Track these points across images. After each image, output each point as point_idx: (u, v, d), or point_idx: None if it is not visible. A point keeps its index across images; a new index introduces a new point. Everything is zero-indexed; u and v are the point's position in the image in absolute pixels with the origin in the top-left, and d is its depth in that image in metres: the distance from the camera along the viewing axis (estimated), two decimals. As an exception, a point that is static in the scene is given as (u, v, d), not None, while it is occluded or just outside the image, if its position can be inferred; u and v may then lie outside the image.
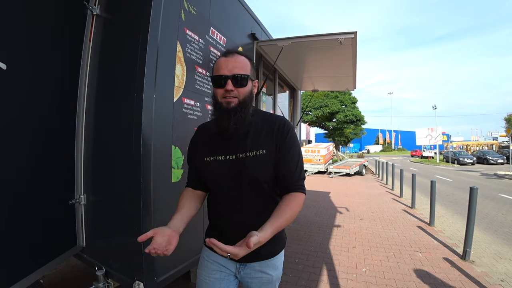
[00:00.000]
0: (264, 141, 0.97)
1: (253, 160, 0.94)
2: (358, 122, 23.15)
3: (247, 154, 0.94)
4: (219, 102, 0.95)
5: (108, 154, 1.76)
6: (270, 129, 0.99)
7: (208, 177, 1.00)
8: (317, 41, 2.87)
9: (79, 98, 1.82)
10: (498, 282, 2.71)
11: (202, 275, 1.06)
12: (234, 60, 0.94)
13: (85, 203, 1.84)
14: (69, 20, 1.72)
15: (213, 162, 0.98)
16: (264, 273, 1.03)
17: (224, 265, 1.04)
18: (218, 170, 0.97)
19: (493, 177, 12.91)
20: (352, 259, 3.27)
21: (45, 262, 1.59)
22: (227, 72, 0.92)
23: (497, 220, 5.16)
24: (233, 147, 0.97)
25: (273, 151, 0.96)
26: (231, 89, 0.92)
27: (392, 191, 8.49)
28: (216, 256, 1.03)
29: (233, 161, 0.95)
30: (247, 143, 0.96)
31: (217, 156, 0.98)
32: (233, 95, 0.93)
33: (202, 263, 1.08)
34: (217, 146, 0.99)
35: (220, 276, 1.03)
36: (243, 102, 0.95)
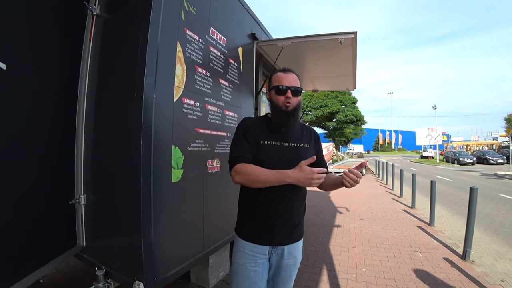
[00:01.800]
0: (306, 139, 1.33)
1: (305, 149, 1.28)
2: (358, 122, 23.15)
3: (298, 145, 1.27)
4: (279, 106, 1.23)
5: (108, 154, 1.76)
6: (308, 133, 1.37)
7: (264, 157, 1.19)
8: (317, 41, 2.87)
9: (79, 98, 1.82)
10: (498, 282, 2.71)
11: (241, 264, 1.22)
12: (292, 76, 1.26)
13: (85, 203, 1.84)
14: (69, 20, 1.72)
15: (269, 146, 1.22)
16: (291, 256, 1.26)
17: (260, 252, 1.22)
18: (274, 152, 1.21)
19: (493, 177, 12.91)
20: (352, 259, 3.27)
21: (45, 262, 1.59)
22: (288, 84, 1.23)
23: (497, 220, 5.16)
24: (285, 138, 1.25)
25: (312, 148, 1.33)
26: (290, 97, 1.22)
27: (392, 191, 8.50)
28: (253, 245, 1.21)
29: (287, 148, 1.24)
30: (296, 137, 1.29)
31: (272, 141, 1.23)
32: (291, 102, 1.22)
33: (238, 254, 1.25)
34: (271, 135, 1.25)
35: (256, 264, 1.21)
36: (297, 108, 1.25)
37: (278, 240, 1.22)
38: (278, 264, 1.26)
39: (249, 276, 1.20)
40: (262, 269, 1.23)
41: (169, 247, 1.72)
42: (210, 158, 2.17)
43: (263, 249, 1.22)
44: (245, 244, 1.23)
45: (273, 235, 1.21)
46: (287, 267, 1.26)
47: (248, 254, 1.22)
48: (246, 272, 1.21)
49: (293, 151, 1.24)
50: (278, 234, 1.21)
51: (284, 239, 1.23)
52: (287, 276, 1.27)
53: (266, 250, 1.22)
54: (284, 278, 1.27)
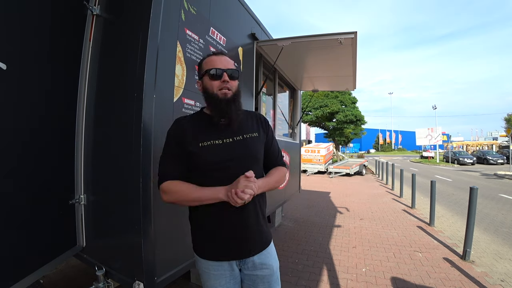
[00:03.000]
0: (253, 127, 1.16)
1: (252, 140, 1.12)
2: (358, 122, 23.14)
3: (245, 136, 1.11)
4: (215, 94, 1.06)
5: (108, 154, 1.76)
6: (255, 119, 1.20)
7: (206, 160, 1.04)
8: (317, 41, 2.87)
9: (79, 98, 1.82)
10: (498, 282, 2.71)
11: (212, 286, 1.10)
12: (225, 58, 1.10)
13: (85, 203, 1.84)
14: (69, 20, 1.72)
15: (210, 146, 1.06)
16: (264, 265, 1.11)
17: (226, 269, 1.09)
18: (218, 152, 1.05)
19: (493, 177, 12.91)
20: (352, 259, 3.27)
21: (45, 262, 1.59)
22: (222, 66, 1.07)
23: (497, 220, 5.16)
24: (227, 132, 1.09)
25: (262, 136, 1.17)
26: (227, 80, 1.06)
27: (392, 191, 8.50)
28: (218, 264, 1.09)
29: (232, 143, 1.08)
30: (241, 128, 1.12)
31: (213, 140, 1.07)
32: (228, 87, 1.07)
33: (205, 276, 1.12)
34: (209, 133, 1.08)
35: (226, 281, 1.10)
36: (236, 94, 1.10)
37: (241, 252, 1.08)
38: (252, 278, 1.11)
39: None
40: (234, 284, 1.12)
41: (169, 247, 1.72)
42: (210, 158, 2.16)
43: (230, 265, 1.09)
44: (207, 264, 1.09)
45: (236, 247, 1.07)
46: (263, 278, 1.11)
47: (214, 274, 1.09)
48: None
49: (240, 146, 1.08)
50: (239, 245, 1.07)
51: (248, 249, 1.08)
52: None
53: (233, 264, 1.10)
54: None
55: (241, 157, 1.06)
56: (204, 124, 1.11)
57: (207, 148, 1.05)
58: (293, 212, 5.60)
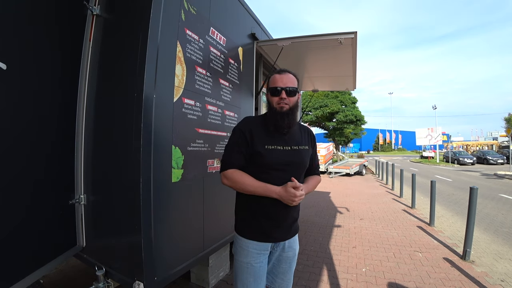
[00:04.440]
0: (305, 140, 1.37)
1: (305, 151, 1.32)
2: (358, 122, 23.14)
3: (300, 147, 1.31)
4: (274, 107, 1.25)
5: (108, 154, 1.76)
6: (305, 133, 1.40)
7: (269, 161, 1.23)
8: (317, 41, 2.87)
9: (79, 98, 1.82)
10: (498, 282, 2.71)
11: (246, 262, 1.27)
12: (287, 76, 1.25)
13: (85, 203, 1.84)
14: (69, 20, 1.72)
15: (274, 150, 1.24)
16: (291, 248, 1.35)
17: (263, 249, 1.28)
18: (280, 156, 1.24)
19: (493, 177, 12.91)
20: (352, 259, 3.27)
21: (45, 262, 1.59)
22: (282, 85, 1.23)
23: (497, 220, 5.16)
24: (287, 141, 1.28)
25: (310, 150, 1.38)
26: (284, 97, 1.23)
27: (392, 191, 8.49)
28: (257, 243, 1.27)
29: (290, 151, 1.27)
30: (296, 139, 1.32)
31: (276, 145, 1.26)
32: (286, 102, 1.23)
33: (242, 253, 1.29)
34: (274, 139, 1.27)
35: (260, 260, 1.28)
36: (293, 108, 1.26)
37: (280, 237, 1.30)
38: (278, 258, 1.35)
39: (254, 272, 1.26)
40: (265, 264, 1.31)
41: (169, 247, 1.72)
42: (210, 158, 2.16)
43: (266, 246, 1.29)
44: (248, 243, 1.28)
45: (276, 233, 1.28)
46: (287, 258, 1.35)
47: (252, 252, 1.27)
48: (251, 269, 1.26)
49: (296, 154, 1.28)
50: (280, 231, 1.29)
51: (285, 235, 1.31)
52: (287, 267, 1.37)
53: (269, 246, 1.30)
54: (285, 269, 1.36)
55: (296, 164, 1.27)
56: (267, 129, 1.28)
57: (272, 151, 1.23)
58: (293, 212, 5.58)
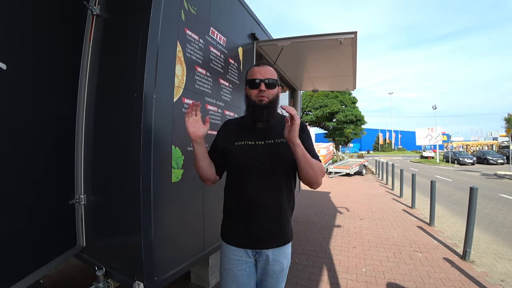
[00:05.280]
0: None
1: (279, 145, 1.18)
2: (358, 122, 23.13)
3: (275, 140, 1.18)
4: (252, 101, 1.17)
5: (108, 154, 1.76)
6: None
7: (239, 158, 1.18)
8: (317, 41, 2.87)
9: (79, 98, 1.82)
10: (498, 282, 2.71)
11: (227, 269, 1.21)
12: (266, 68, 1.20)
13: (85, 203, 1.84)
14: (69, 20, 1.72)
15: (244, 146, 1.19)
16: (276, 262, 1.19)
17: (243, 256, 1.20)
18: (250, 152, 1.17)
19: (493, 177, 12.90)
20: (352, 259, 3.27)
21: (45, 262, 1.59)
22: (260, 77, 1.17)
23: (497, 220, 5.16)
24: (261, 135, 1.19)
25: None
26: (263, 90, 1.15)
27: (392, 191, 8.49)
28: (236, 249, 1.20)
29: (263, 145, 1.18)
30: (274, 133, 1.19)
31: (247, 141, 1.19)
32: (265, 95, 1.16)
33: (224, 259, 1.24)
34: (246, 134, 1.21)
35: (242, 268, 1.20)
36: (272, 101, 1.18)
37: (260, 244, 1.18)
38: (264, 270, 1.21)
39: (236, 279, 1.19)
40: (249, 272, 1.21)
41: (169, 247, 1.72)
42: (210, 158, 2.16)
43: (247, 253, 1.19)
44: (228, 248, 1.22)
45: (253, 238, 1.17)
46: (273, 273, 1.20)
47: (232, 258, 1.20)
48: (233, 276, 1.20)
49: (270, 148, 1.17)
50: (258, 237, 1.17)
51: (266, 243, 1.17)
52: (274, 283, 1.22)
53: (250, 253, 1.20)
54: (271, 284, 1.22)
55: (268, 159, 1.16)
56: (243, 126, 1.24)
57: (241, 147, 1.18)
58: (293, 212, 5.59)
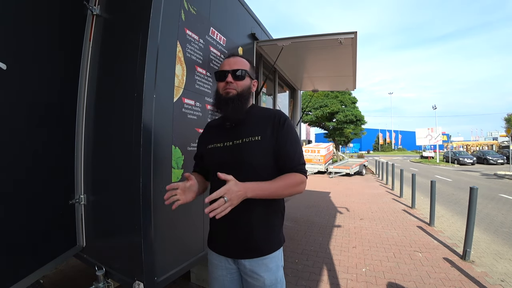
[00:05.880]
0: (260, 129, 1.06)
1: (247, 145, 1.04)
2: (358, 122, 23.15)
3: (243, 140, 1.05)
4: (220, 94, 1.09)
5: (108, 154, 1.76)
6: (266, 119, 1.09)
7: (209, 162, 1.14)
8: (317, 41, 2.87)
9: (79, 98, 1.82)
10: (498, 282, 2.71)
11: (211, 272, 1.20)
12: (235, 59, 1.11)
13: (85, 203, 1.84)
14: (69, 20, 1.72)
15: (213, 149, 1.12)
16: (255, 274, 1.04)
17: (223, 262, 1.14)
18: (217, 155, 1.10)
19: (493, 177, 12.91)
20: (352, 259, 3.27)
21: (45, 262, 1.59)
22: (228, 68, 1.08)
23: (497, 220, 5.16)
24: (231, 135, 1.08)
25: (270, 139, 1.05)
26: (230, 81, 1.06)
27: (392, 191, 8.50)
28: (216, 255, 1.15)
29: (230, 147, 1.07)
30: (245, 131, 1.07)
31: (217, 143, 1.11)
32: (233, 87, 1.07)
33: (209, 263, 1.22)
34: (218, 135, 1.13)
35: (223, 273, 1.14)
36: (241, 94, 1.08)
37: (233, 252, 1.08)
38: (246, 282, 1.09)
39: (219, 283, 1.14)
40: (232, 278, 1.12)
41: (169, 247, 1.72)
42: (210, 158, 2.16)
43: (226, 259, 1.12)
44: (210, 253, 1.19)
45: (227, 245, 1.08)
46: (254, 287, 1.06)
47: (213, 263, 1.16)
48: (215, 282, 1.16)
49: (235, 150, 1.04)
50: (231, 245, 1.07)
51: (240, 252, 1.06)
52: None
53: (230, 261, 1.11)
54: None
55: (232, 162, 1.03)
56: (218, 127, 1.16)
57: (210, 150, 1.13)
58: (293, 212, 5.60)
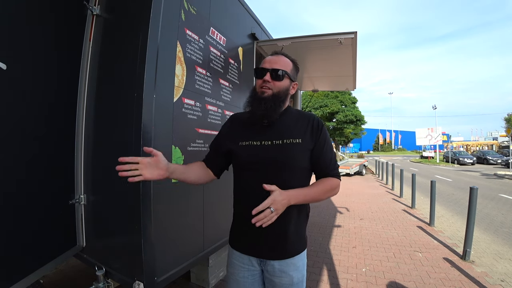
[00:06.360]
0: (299, 132, 1.07)
1: (288, 147, 1.03)
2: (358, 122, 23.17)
3: (283, 141, 1.04)
4: (255, 91, 1.07)
5: (108, 154, 1.76)
6: (305, 122, 1.09)
7: (241, 160, 1.08)
8: (317, 41, 2.87)
9: (79, 98, 1.82)
10: (498, 282, 2.71)
11: (231, 273, 1.15)
12: (277, 58, 1.07)
13: (85, 203, 1.84)
14: (69, 20, 1.72)
15: (248, 147, 1.07)
16: (284, 274, 1.06)
17: (247, 264, 1.11)
18: (252, 154, 1.05)
19: (493, 177, 12.91)
20: (352, 259, 3.27)
21: (45, 262, 1.59)
22: (268, 66, 1.05)
23: (497, 220, 5.16)
24: (270, 135, 1.06)
25: (309, 143, 1.06)
26: (268, 80, 1.04)
27: (392, 191, 8.50)
28: (240, 255, 1.12)
29: (268, 147, 1.05)
30: (284, 132, 1.06)
31: (252, 141, 1.07)
32: (269, 87, 1.04)
33: (228, 261, 1.18)
34: (252, 132, 1.09)
35: (245, 276, 1.11)
36: (276, 95, 1.05)
37: (263, 253, 1.06)
38: (270, 281, 1.09)
39: (238, 285, 1.12)
40: (253, 280, 1.11)
41: (169, 247, 1.72)
42: (210, 158, 2.16)
43: (251, 260, 1.10)
44: (232, 252, 1.15)
45: (255, 246, 1.07)
46: (280, 286, 1.06)
47: (235, 263, 1.13)
48: (235, 282, 1.13)
49: (276, 150, 1.03)
50: (262, 246, 1.06)
51: (268, 253, 1.06)
52: None
53: (254, 261, 1.09)
54: None
55: (273, 162, 1.02)
56: (248, 123, 1.11)
57: (245, 148, 1.07)
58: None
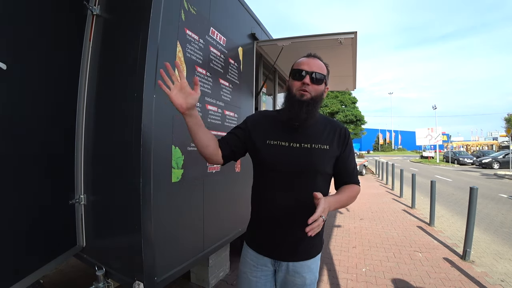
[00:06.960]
0: (327, 138, 1.08)
1: (316, 152, 1.04)
2: (358, 122, 23.18)
3: (312, 146, 1.05)
4: (293, 94, 1.05)
5: (108, 154, 1.76)
6: (333, 130, 1.11)
7: (267, 159, 1.06)
8: (317, 41, 2.87)
9: (79, 98, 1.82)
10: (498, 282, 2.71)
11: (243, 272, 1.16)
12: (316, 61, 1.07)
13: (85, 203, 1.84)
14: (69, 20, 1.72)
15: (275, 146, 1.06)
16: (298, 275, 1.08)
17: (261, 264, 1.12)
18: (279, 154, 1.04)
19: (493, 177, 12.91)
20: (352, 259, 3.27)
21: (45, 262, 1.59)
22: (307, 68, 1.04)
23: (497, 220, 5.16)
24: (298, 137, 1.06)
25: (336, 150, 1.08)
26: (308, 83, 1.03)
27: (392, 191, 8.50)
28: (255, 254, 1.13)
29: (297, 149, 1.04)
30: (312, 136, 1.07)
31: (280, 141, 1.06)
32: (308, 90, 1.03)
33: (242, 260, 1.19)
34: (280, 132, 1.07)
35: (257, 276, 1.12)
36: (314, 99, 1.05)
37: (280, 255, 1.09)
38: (284, 281, 1.11)
39: (250, 285, 1.13)
40: (266, 281, 1.13)
41: (169, 247, 1.72)
42: (210, 158, 2.16)
43: (265, 261, 1.11)
44: (247, 250, 1.16)
45: (273, 247, 1.09)
46: (294, 286, 1.09)
47: (249, 262, 1.14)
48: (247, 281, 1.14)
49: (304, 154, 1.04)
50: (279, 248, 1.08)
51: (287, 255, 1.08)
52: None
53: (268, 262, 1.11)
54: None
55: (300, 164, 1.03)
56: (278, 123, 1.10)
57: (272, 147, 1.06)
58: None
